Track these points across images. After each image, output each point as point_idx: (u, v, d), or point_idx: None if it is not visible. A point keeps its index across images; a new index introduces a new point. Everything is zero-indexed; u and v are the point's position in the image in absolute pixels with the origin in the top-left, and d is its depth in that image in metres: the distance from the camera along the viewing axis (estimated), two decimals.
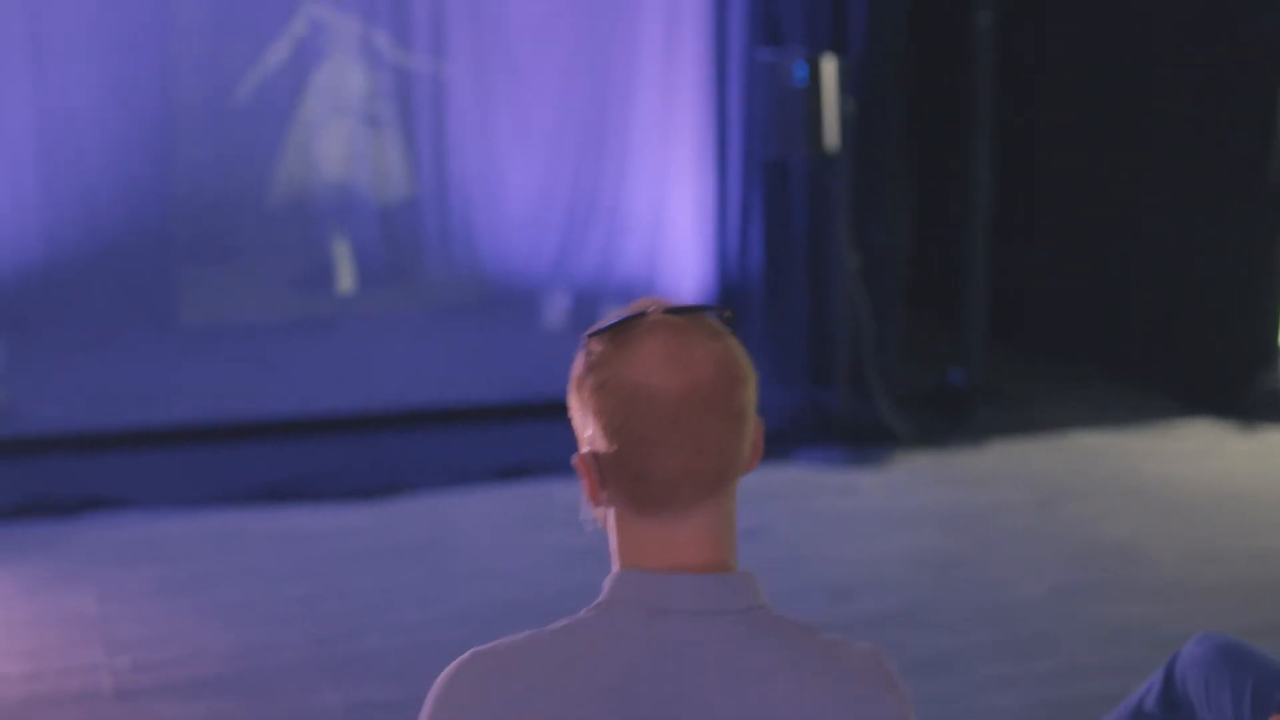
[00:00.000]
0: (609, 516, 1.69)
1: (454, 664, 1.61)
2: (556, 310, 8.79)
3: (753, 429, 1.66)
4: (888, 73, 7.15)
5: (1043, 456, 6.87)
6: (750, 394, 1.64)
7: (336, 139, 8.53)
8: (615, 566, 1.70)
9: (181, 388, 7.58)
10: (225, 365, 7.85)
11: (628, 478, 1.63)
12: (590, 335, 1.66)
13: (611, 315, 1.66)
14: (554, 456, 6.74)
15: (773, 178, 7.65)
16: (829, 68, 6.69)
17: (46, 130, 8.22)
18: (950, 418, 7.24)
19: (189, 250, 8.29)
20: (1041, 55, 8.33)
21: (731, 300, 7.95)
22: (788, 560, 5.64)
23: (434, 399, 7.56)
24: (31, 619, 5.03)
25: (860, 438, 6.93)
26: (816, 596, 5.28)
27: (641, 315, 1.64)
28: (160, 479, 6.51)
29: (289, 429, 7.14)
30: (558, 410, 7.34)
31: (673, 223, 8.56)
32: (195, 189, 8.27)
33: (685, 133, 8.31)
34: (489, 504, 6.28)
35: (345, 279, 8.51)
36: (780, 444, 6.97)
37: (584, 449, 1.67)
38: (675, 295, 1.54)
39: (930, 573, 5.51)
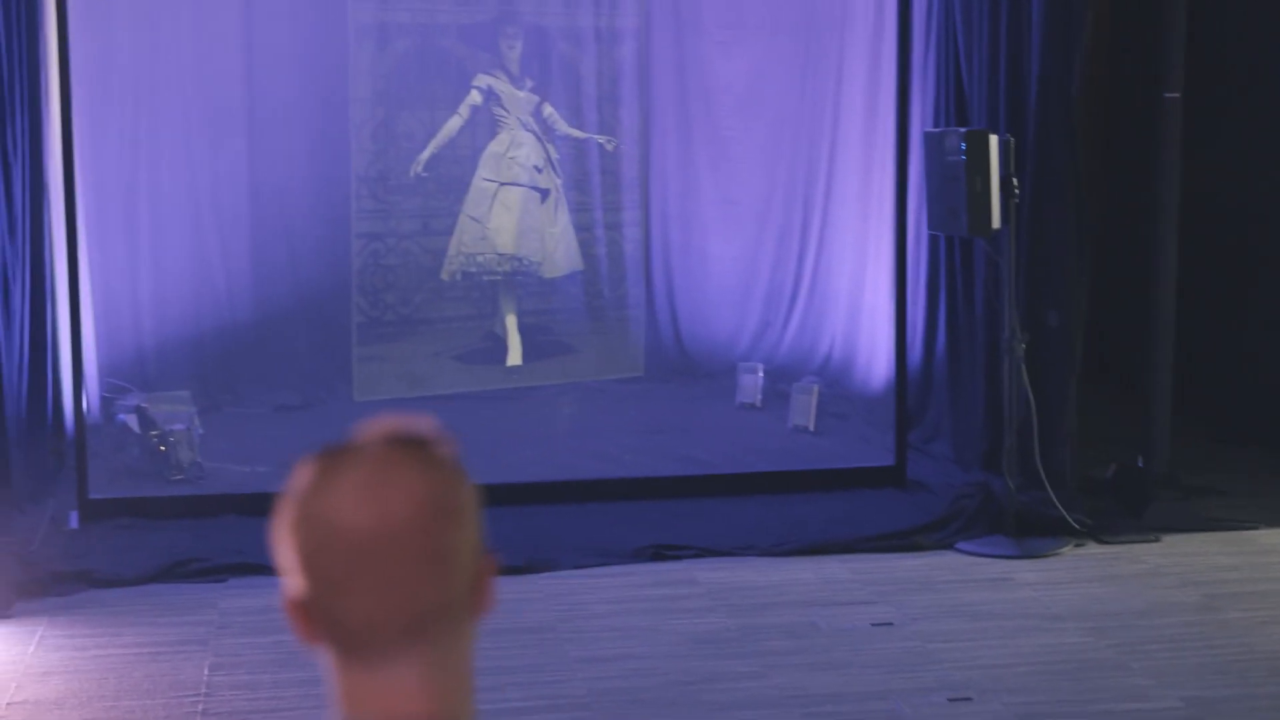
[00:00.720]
0: (324, 660, 1.58)
1: None
2: (749, 385, 8.65)
3: (468, 570, 1.51)
4: (1064, 150, 6.87)
5: (1218, 554, 6.46)
6: (461, 533, 1.49)
7: (521, 210, 8.56)
8: (335, 716, 1.58)
9: None
10: None
11: (325, 621, 1.52)
12: (299, 464, 1.55)
13: (330, 442, 1.55)
14: (705, 535, 6.61)
15: (957, 259, 7.44)
16: (993, 144, 6.45)
17: (259, 201, 8.48)
18: (1126, 508, 6.87)
19: (369, 320, 8.40)
20: (1226, 128, 7.90)
21: (915, 381, 7.72)
22: (916, 655, 5.39)
23: (593, 472, 7.47)
24: (140, 685, 5.09)
25: (1027, 527, 6.62)
26: (934, 697, 5.03)
27: (353, 444, 1.52)
28: None
29: None
30: (718, 485, 7.18)
31: (869, 301, 8.36)
32: (374, 260, 8.39)
33: (883, 211, 8.11)
34: (626, 584, 6.16)
35: (516, 350, 8.52)
36: (943, 531, 6.72)
37: (287, 588, 1.56)
38: (408, 421, 1.45)
39: (1063, 678, 5.20)
